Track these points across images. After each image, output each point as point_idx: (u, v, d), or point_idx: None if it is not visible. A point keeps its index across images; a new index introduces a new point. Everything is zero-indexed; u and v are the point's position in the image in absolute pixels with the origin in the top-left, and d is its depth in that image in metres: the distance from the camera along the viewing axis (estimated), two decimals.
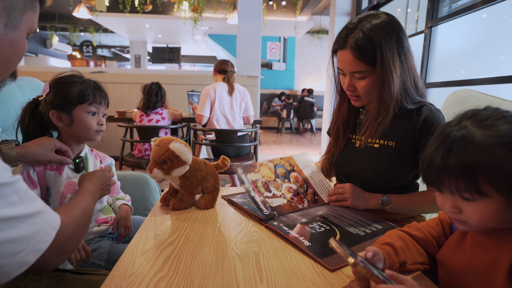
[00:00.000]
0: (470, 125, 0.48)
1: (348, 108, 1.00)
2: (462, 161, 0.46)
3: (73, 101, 0.91)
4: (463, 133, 0.47)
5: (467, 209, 0.49)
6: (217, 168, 0.98)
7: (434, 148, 0.50)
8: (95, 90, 0.94)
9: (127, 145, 3.46)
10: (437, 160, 0.48)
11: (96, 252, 0.92)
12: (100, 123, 0.96)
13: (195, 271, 0.59)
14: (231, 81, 2.63)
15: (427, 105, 0.89)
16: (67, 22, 9.04)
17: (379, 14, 0.85)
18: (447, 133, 0.49)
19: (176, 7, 5.48)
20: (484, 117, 0.48)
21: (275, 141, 6.96)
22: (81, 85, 0.93)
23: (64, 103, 0.91)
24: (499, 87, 2.21)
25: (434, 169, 0.49)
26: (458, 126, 0.49)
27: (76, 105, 0.91)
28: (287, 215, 0.84)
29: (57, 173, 0.91)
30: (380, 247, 0.60)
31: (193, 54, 14.40)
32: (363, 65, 0.84)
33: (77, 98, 0.91)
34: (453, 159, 0.47)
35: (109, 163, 1.08)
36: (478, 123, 0.47)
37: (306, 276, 0.58)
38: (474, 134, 0.46)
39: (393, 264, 0.57)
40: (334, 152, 1.02)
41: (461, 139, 0.47)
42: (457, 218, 0.51)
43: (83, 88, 0.92)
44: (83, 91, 0.92)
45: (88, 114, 0.93)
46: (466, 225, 0.51)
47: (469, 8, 2.43)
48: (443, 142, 0.49)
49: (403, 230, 0.65)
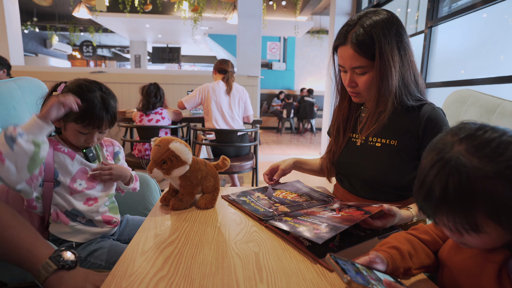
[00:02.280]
0: (464, 154, 0.43)
1: (349, 106, 1.01)
2: (460, 197, 0.43)
3: (70, 117, 0.87)
4: (457, 164, 0.43)
5: (467, 237, 0.47)
6: (217, 168, 0.98)
7: (431, 178, 0.45)
8: (98, 113, 0.89)
9: (127, 145, 3.46)
10: (435, 193, 0.45)
11: (97, 252, 0.92)
12: (89, 141, 0.93)
13: (195, 271, 0.59)
14: (230, 81, 2.63)
15: (429, 104, 0.89)
16: (67, 22, 9.04)
17: (379, 11, 0.86)
18: (443, 162, 0.45)
19: (176, 7, 5.48)
20: (481, 144, 0.43)
21: (275, 141, 6.96)
22: (84, 105, 0.86)
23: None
24: (499, 87, 2.21)
25: (432, 204, 0.46)
26: (451, 153, 0.45)
27: (71, 121, 0.88)
28: (287, 215, 0.84)
29: (68, 157, 0.91)
30: (386, 250, 0.59)
31: (193, 54, 14.40)
32: (363, 59, 0.84)
33: (74, 118, 0.87)
34: (450, 194, 0.43)
35: (115, 151, 1.07)
36: (474, 152, 0.43)
37: (306, 276, 0.58)
38: (470, 168, 0.42)
39: (397, 269, 0.56)
40: (334, 152, 1.02)
41: (456, 172, 0.43)
42: (458, 240, 0.50)
43: (85, 110, 0.86)
44: (84, 114, 0.87)
45: (78, 132, 0.90)
46: (467, 246, 0.50)
47: (469, 8, 2.43)
48: (440, 174, 0.45)
49: (411, 233, 0.64)
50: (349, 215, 0.74)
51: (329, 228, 0.67)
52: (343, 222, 0.69)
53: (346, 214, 0.75)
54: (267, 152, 5.35)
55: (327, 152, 1.06)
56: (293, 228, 0.71)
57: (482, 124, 0.46)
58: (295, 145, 6.48)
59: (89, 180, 0.94)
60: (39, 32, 10.91)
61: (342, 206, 0.84)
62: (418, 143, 0.88)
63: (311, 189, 1.05)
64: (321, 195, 1.00)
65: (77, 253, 0.72)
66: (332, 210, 0.81)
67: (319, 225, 0.70)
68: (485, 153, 0.42)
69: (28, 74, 1.51)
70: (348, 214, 0.75)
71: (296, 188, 1.05)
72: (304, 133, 8.62)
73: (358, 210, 0.76)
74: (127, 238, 1.06)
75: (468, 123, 0.47)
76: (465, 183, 0.42)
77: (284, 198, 0.96)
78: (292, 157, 1.13)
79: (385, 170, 0.91)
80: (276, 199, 0.95)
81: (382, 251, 0.59)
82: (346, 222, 0.69)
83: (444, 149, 0.46)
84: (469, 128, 0.46)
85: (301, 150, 5.75)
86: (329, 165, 1.04)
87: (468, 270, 0.52)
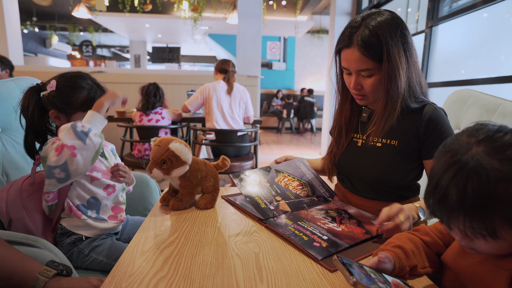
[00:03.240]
0: (484, 156, 0.41)
1: (351, 108, 1.00)
2: (478, 201, 0.41)
3: (76, 107, 0.92)
4: (476, 166, 0.41)
5: (479, 243, 0.45)
6: (217, 168, 0.98)
7: (447, 181, 0.43)
8: (100, 95, 0.94)
9: (127, 145, 3.46)
10: (452, 197, 0.43)
11: (99, 248, 0.94)
12: None
13: (195, 271, 0.59)
14: (231, 81, 2.63)
15: (430, 104, 0.89)
16: (66, 22, 9.04)
17: (382, 12, 0.85)
18: (461, 164, 0.42)
19: (176, 6, 5.47)
20: (502, 146, 0.41)
21: (275, 141, 6.96)
22: (87, 92, 0.93)
23: (66, 108, 0.92)
24: (499, 87, 2.21)
25: (448, 207, 0.44)
26: (470, 155, 0.42)
27: (77, 111, 0.92)
28: (287, 216, 0.84)
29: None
30: (391, 249, 0.59)
31: (193, 54, 14.40)
32: (370, 62, 0.83)
33: (81, 106, 0.92)
34: (469, 198, 0.41)
35: (110, 149, 1.09)
36: (495, 154, 0.41)
37: (306, 276, 0.58)
38: (491, 170, 0.40)
39: (403, 268, 0.56)
40: (336, 153, 1.02)
41: (475, 175, 0.41)
42: (467, 246, 0.48)
43: (88, 96, 0.93)
44: (88, 99, 0.92)
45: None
46: (476, 251, 0.48)
47: (469, 8, 2.43)
48: (458, 176, 0.42)
49: (413, 233, 0.64)
50: (349, 231, 0.75)
51: (329, 243, 0.69)
52: (344, 239, 0.71)
53: (347, 230, 0.76)
54: (267, 152, 5.35)
55: (328, 153, 1.06)
56: (293, 235, 0.72)
57: (501, 126, 0.44)
58: (295, 145, 6.48)
59: (104, 173, 0.99)
60: (39, 32, 10.91)
61: (343, 216, 0.85)
62: (419, 143, 0.88)
63: (315, 174, 1.05)
64: (323, 188, 1.01)
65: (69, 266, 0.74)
66: (333, 220, 0.81)
67: (319, 237, 0.72)
68: (506, 155, 0.41)
69: (27, 74, 1.51)
70: (349, 229, 0.77)
71: (300, 173, 1.04)
72: (304, 133, 8.62)
73: (359, 227, 0.78)
74: (127, 237, 1.06)
75: (486, 124, 0.45)
76: (485, 186, 0.40)
77: (286, 187, 0.95)
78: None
79: (385, 170, 0.91)
80: (278, 188, 0.94)
81: (387, 250, 0.59)
82: (347, 239, 0.71)
83: (460, 151, 0.44)
84: (487, 129, 0.44)
85: (301, 150, 5.75)
86: (330, 165, 1.04)
87: (477, 275, 0.51)
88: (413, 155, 0.89)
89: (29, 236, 0.77)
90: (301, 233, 0.73)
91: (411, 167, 0.90)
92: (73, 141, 0.80)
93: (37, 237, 0.77)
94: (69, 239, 0.93)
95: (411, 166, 0.90)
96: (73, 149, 0.79)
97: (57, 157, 0.79)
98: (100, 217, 0.97)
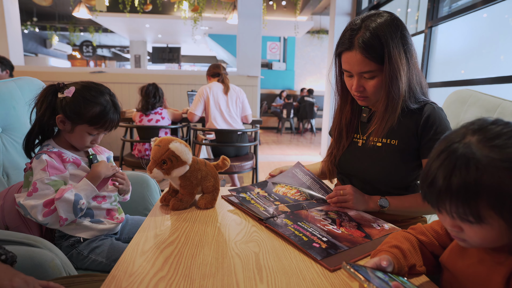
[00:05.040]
0: (475, 143, 0.43)
1: (351, 109, 1.00)
2: (464, 185, 0.43)
3: (84, 120, 0.91)
4: (466, 152, 0.43)
5: (467, 230, 0.47)
6: (217, 168, 0.98)
7: (437, 165, 0.46)
8: (112, 116, 0.94)
9: (127, 145, 3.46)
10: (439, 181, 0.45)
11: (98, 249, 0.94)
12: (94, 142, 0.97)
13: (195, 271, 0.59)
14: (226, 81, 2.68)
15: (430, 104, 0.89)
16: (67, 22, 9.04)
17: (381, 13, 0.85)
18: (451, 150, 0.45)
19: (176, 7, 5.48)
20: (493, 135, 0.43)
21: (275, 141, 6.96)
22: (100, 108, 0.92)
23: (75, 118, 0.91)
24: (499, 87, 2.21)
25: (436, 190, 0.46)
26: (462, 143, 0.44)
27: (83, 124, 0.92)
28: (287, 216, 0.84)
29: (75, 165, 0.95)
30: (388, 250, 0.59)
31: (193, 54, 14.40)
32: (372, 64, 0.83)
33: (89, 120, 0.91)
34: (455, 182, 0.43)
35: (107, 156, 1.09)
36: (485, 142, 0.43)
37: (306, 276, 0.58)
38: (480, 156, 0.42)
39: (402, 268, 0.56)
40: (336, 154, 1.02)
41: (464, 160, 0.43)
42: (457, 236, 0.50)
43: (101, 113, 0.92)
44: (100, 116, 0.92)
45: (88, 133, 0.94)
46: (466, 243, 0.50)
47: (469, 8, 2.43)
48: (447, 161, 0.45)
49: (409, 232, 0.64)
50: (349, 234, 0.75)
51: (329, 245, 0.69)
52: (343, 242, 0.71)
53: (347, 233, 0.76)
54: (267, 152, 5.35)
55: (328, 155, 1.05)
56: (293, 235, 0.72)
57: (497, 119, 0.46)
58: (295, 145, 6.48)
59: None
60: (39, 32, 10.91)
61: (343, 218, 0.85)
62: (418, 142, 0.88)
63: (313, 178, 1.05)
64: (322, 190, 1.01)
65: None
66: (333, 222, 0.81)
67: (319, 238, 0.71)
68: (497, 143, 0.42)
69: (28, 74, 1.51)
70: (349, 232, 0.76)
71: (297, 181, 1.04)
72: (304, 133, 8.62)
73: (359, 230, 0.78)
74: (127, 237, 1.06)
75: (484, 118, 0.47)
76: (473, 171, 0.42)
77: (284, 195, 0.96)
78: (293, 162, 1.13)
79: (385, 170, 0.91)
80: (276, 196, 0.95)
81: (384, 251, 0.59)
82: (346, 242, 0.71)
83: (455, 139, 0.46)
84: (483, 121, 0.46)
85: (301, 150, 5.75)
86: (330, 166, 1.04)
87: (475, 276, 0.51)
88: (413, 155, 0.89)
89: (29, 236, 0.78)
90: (300, 234, 0.73)
91: (411, 167, 0.90)
92: (67, 214, 0.85)
93: (37, 237, 0.78)
94: (67, 241, 0.93)
95: (411, 166, 0.90)
96: (63, 220, 0.85)
97: (43, 218, 0.84)
98: (96, 219, 0.97)
